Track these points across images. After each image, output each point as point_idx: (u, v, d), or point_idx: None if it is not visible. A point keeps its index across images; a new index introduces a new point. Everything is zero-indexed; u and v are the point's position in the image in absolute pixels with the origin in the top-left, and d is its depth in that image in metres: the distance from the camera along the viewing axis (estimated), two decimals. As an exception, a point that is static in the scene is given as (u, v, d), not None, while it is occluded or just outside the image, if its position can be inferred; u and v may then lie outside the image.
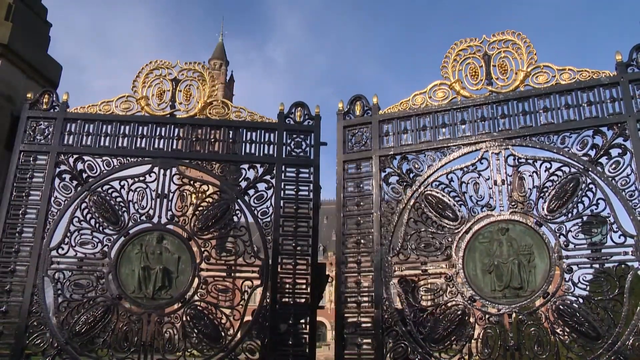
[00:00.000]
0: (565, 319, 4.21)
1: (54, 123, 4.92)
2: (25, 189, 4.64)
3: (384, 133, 5.10)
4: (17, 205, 4.56)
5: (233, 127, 5.12)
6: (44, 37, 5.59)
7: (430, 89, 5.10)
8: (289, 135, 5.08)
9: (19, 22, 5.09)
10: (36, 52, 5.31)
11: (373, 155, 5.03)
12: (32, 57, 5.21)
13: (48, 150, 4.83)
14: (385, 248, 4.78)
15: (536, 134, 4.65)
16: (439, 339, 4.46)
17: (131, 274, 4.56)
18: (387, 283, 4.72)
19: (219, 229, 4.82)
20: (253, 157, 5.03)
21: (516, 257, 4.45)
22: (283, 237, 4.83)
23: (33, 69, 5.28)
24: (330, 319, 69.31)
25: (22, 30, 5.12)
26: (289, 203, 4.92)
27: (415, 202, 4.83)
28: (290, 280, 4.76)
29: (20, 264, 4.39)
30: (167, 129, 5.02)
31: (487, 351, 4.35)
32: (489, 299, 4.46)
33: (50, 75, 5.54)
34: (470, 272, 4.55)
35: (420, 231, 4.78)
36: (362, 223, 4.92)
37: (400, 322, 4.56)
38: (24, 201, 4.60)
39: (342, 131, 5.20)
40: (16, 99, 4.99)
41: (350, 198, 5.03)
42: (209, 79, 5.20)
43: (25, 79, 5.18)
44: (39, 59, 5.33)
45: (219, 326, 4.61)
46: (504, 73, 4.91)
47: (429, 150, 4.93)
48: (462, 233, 4.63)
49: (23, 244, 4.46)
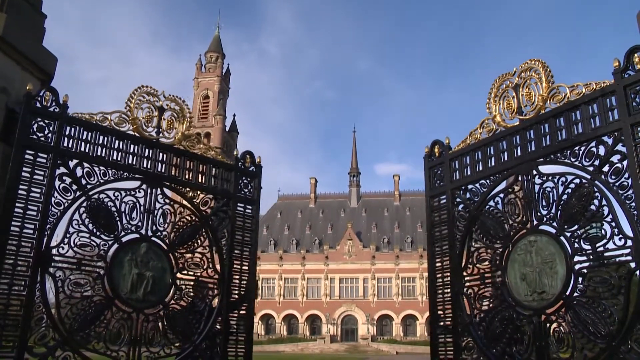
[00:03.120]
0: (578, 319, 4.51)
1: (54, 123, 4.87)
2: (26, 184, 4.62)
3: (453, 169, 6.04)
4: (21, 199, 4.55)
5: (203, 161, 5.95)
6: (39, 29, 5.54)
7: (481, 125, 5.82)
8: (240, 177, 6.20)
9: (14, 13, 5.05)
10: (31, 43, 5.26)
11: (447, 190, 6.03)
12: (27, 48, 5.15)
13: (50, 150, 4.78)
14: (456, 262, 5.77)
15: (554, 152, 4.99)
16: (492, 338, 5.23)
17: (124, 277, 5.04)
18: (460, 292, 5.68)
19: (191, 245, 5.67)
20: (216, 190, 5.96)
21: (541, 265, 4.90)
22: (234, 258, 5.94)
23: (28, 61, 5.21)
24: (325, 311, 69.68)
25: (17, 21, 5.07)
26: (239, 232, 6.02)
27: (472, 226, 5.69)
28: (236, 291, 5.87)
29: (22, 260, 4.44)
30: (153, 151, 5.54)
31: (522, 348, 4.95)
32: (524, 304, 5.01)
33: (45, 67, 5.48)
34: (512, 280, 5.17)
35: (479, 249, 5.64)
36: (444, 247, 5.97)
37: (469, 324, 5.50)
38: (26, 197, 4.59)
39: (428, 171, 6.36)
40: (11, 91, 4.94)
41: (436, 225, 6.14)
42: (187, 114, 5.91)
43: (20, 71, 5.11)
44: (34, 50, 5.28)
45: (189, 325, 5.47)
46: (529, 99, 5.33)
47: (481, 179, 5.68)
48: (506, 247, 5.29)
49: (24, 240, 4.48)
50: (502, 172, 5.51)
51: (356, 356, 48.07)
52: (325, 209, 78.91)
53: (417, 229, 72.56)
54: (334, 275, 70.35)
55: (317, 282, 71.09)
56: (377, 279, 69.29)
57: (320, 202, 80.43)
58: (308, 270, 71.09)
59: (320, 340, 64.31)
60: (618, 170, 4.46)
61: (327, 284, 70.28)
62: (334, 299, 69.43)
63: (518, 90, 5.47)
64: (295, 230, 76.16)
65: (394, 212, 76.31)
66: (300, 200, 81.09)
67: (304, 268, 71.24)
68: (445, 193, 6.06)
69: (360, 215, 76.57)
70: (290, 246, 73.67)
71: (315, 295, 70.62)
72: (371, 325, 66.65)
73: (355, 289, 69.87)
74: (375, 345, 61.59)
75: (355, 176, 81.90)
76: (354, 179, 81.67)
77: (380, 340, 64.44)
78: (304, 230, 75.78)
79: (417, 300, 67.57)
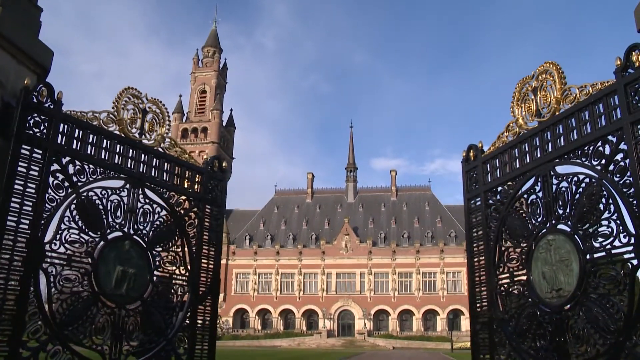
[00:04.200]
0: (590, 315, 4.62)
1: (49, 119, 4.88)
2: (23, 179, 4.61)
3: (485, 172, 6.28)
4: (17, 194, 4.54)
5: (179, 163, 6.19)
6: (35, 22, 5.51)
7: (506, 128, 6.00)
8: (209, 180, 6.49)
9: (9, 6, 5.02)
10: (27, 36, 5.23)
11: (480, 192, 6.29)
12: (23, 41, 5.11)
13: (45, 145, 4.79)
14: (490, 261, 6.00)
15: (567, 152, 5.11)
16: (521, 334, 5.41)
17: (109, 274, 5.18)
18: (494, 290, 5.89)
19: (166, 244, 5.87)
20: (188, 192, 6.23)
21: (558, 264, 5.05)
22: (202, 256, 6.21)
23: (24, 54, 5.18)
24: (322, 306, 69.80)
25: (13, 14, 5.04)
26: (206, 232, 6.30)
27: (502, 226, 5.87)
28: (204, 288, 6.16)
29: (18, 255, 4.46)
30: (137, 152, 5.70)
31: (545, 344, 5.12)
32: (545, 301, 5.16)
33: (41, 60, 5.45)
34: (535, 278, 5.32)
35: (508, 248, 5.83)
36: (480, 246, 6.22)
37: (501, 321, 5.71)
38: (22, 192, 4.58)
39: (465, 174, 6.64)
40: (6, 85, 4.92)
41: (473, 226, 6.40)
42: (167, 117, 6.10)
43: (15, 64, 5.08)
44: (30, 44, 5.25)
45: (164, 320, 5.68)
46: (545, 102, 5.45)
47: (508, 181, 5.88)
48: (529, 246, 5.45)
49: (20, 235, 4.50)
50: (524, 173, 5.68)
51: (352, 351, 48.23)
52: (322, 204, 79.02)
53: (414, 224, 72.82)
54: (331, 270, 70.52)
55: (313, 277, 71.25)
56: (374, 274, 69.48)
57: (317, 197, 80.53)
58: (305, 265, 71.24)
59: (317, 335, 64.49)
60: (622, 169, 4.53)
61: (323, 279, 70.43)
62: (330, 294, 69.61)
63: (536, 93, 5.61)
64: (292, 225, 76.26)
65: (391, 207, 76.50)
66: (297, 195, 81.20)
67: (300, 263, 71.38)
68: (479, 195, 6.35)
69: (357, 210, 76.73)
70: (287, 241, 73.78)
71: (312, 290, 70.79)
72: (367, 320, 66.90)
73: (351, 284, 70.07)
74: (372, 340, 61.82)
75: (352, 171, 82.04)
76: (351, 174, 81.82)
77: (377, 335, 64.70)
78: (300, 225, 75.90)
79: (414, 295, 67.83)
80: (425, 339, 62.03)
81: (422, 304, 67.30)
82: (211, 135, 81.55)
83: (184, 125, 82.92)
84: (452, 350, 47.70)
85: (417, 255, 69.13)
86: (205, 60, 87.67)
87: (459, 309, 65.72)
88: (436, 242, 69.59)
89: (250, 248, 73.33)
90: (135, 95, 5.80)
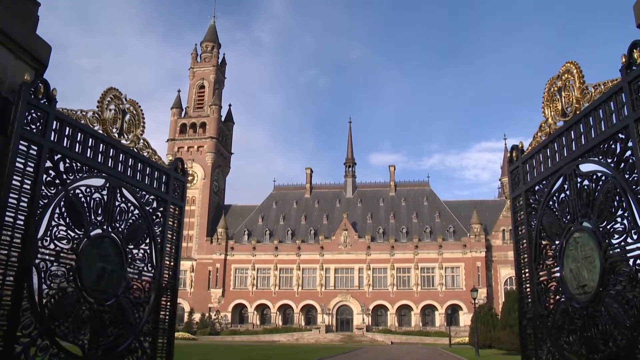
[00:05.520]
0: (610, 311, 4.70)
1: (46, 116, 4.88)
2: (20, 175, 4.61)
3: (525, 172, 6.49)
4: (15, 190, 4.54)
5: (150, 164, 6.44)
6: (33, 16, 5.48)
7: (540, 128, 6.15)
8: (173, 181, 6.84)
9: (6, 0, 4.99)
10: (25, 31, 5.20)
11: (522, 191, 6.48)
12: (20, 36, 5.09)
13: (41, 142, 4.81)
14: (532, 259, 6.18)
15: (587, 151, 5.17)
16: (557, 329, 5.58)
17: (90, 270, 5.31)
18: (535, 287, 6.08)
19: (138, 242, 6.10)
20: (156, 192, 6.50)
21: (582, 260, 5.16)
22: (165, 254, 6.54)
23: (22, 49, 5.16)
24: (321, 301, 69.76)
25: (10, 9, 5.01)
26: (169, 231, 6.66)
27: (540, 224, 6.05)
28: (165, 284, 6.47)
29: (14, 250, 4.49)
30: (116, 151, 5.86)
31: (577, 338, 5.25)
32: (575, 297, 5.26)
33: (39, 55, 5.42)
34: (567, 275, 5.44)
35: (545, 245, 6.00)
36: (524, 244, 6.43)
37: (542, 317, 5.92)
38: (19, 188, 4.58)
39: (509, 175, 6.89)
40: (5, 80, 4.90)
41: (518, 225, 6.60)
42: (142, 118, 6.33)
43: (13, 59, 5.06)
44: (27, 38, 5.23)
45: (134, 316, 5.91)
46: (569, 101, 5.53)
47: (543, 180, 6.02)
48: (561, 244, 5.56)
49: (17, 231, 4.54)
50: (555, 172, 5.80)
51: (351, 346, 48.35)
52: (321, 200, 79.05)
53: (412, 220, 72.89)
54: (329, 265, 70.62)
55: (312, 272, 71.33)
56: (372, 269, 69.60)
57: (316, 192, 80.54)
58: (303, 260, 71.33)
59: (316, 330, 64.65)
60: (631, 166, 4.58)
61: (322, 274, 70.52)
62: (329, 289, 69.73)
63: (561, 92, 5.71)
64: (291, 221, 76.30)
65: (390, 202, 76.56)
66: (295, 190, 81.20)
67: (299, 258, 71.46)
68: (521, 195, 6.54)
69: (355, 205, 76.77)
70: (285, 236, 73.84)
71: (311, 285, 70.89)
72: (366, 315, 67.07)
73: (350, 279, 70.18)
74: (370, 335, 62.04)
75: (350, 167, 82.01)
76: (350, 170, 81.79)
77: (375, 330, 64.93)
78: (299, 220, 75.94)
79: (412, 290, 67.98)
80: (424, 334, 62.24)
81: (421, 299, 67.45)
82: (210, 131, 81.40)
83: (183, 121, 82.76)
84: (450, 345, 47.81)
85: (416, 250, 69.22)
86: (203, 56, 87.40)
87: (457, 304, 65.92)
88: (435, 237, 69.72)
89: (248, 243, 73.37)
90: (117, 96, 5.97)
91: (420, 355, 30.23)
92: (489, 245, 67.98)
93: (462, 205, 75.30)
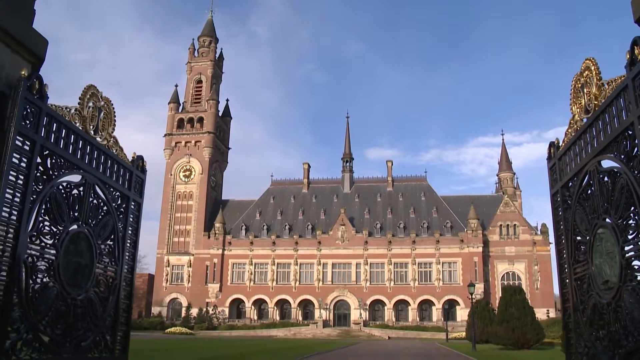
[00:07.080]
0: (629, 307, 4.74)
1: (38, 111, 4.86)
2: (15, 170, 4.59)
3: (560, 169, 6.61)
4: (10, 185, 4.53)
5: (118, 161, 6.60)
6: (29, 10, 5.44)
7: (569, 125, 6.24)
8: (134, 178, 7.00)
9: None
10: (21, 25, 5.16)
11: (558, 188, 6.59)
12: (16, 30, 5.04)
13: (34, 138, 4.79)
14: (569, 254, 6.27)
15: (605, 147, 5.20)
16: (589, 323, 5.64)
17: (67, 265, 5.38)
18: (573, 282, 6.20)
19: (105, 237, 6.25)
20: (120, 188, 6.65)
21: (605, 256, 5.21)
22: (126, 249, 6.72)
23: (18, 43, 5.11)
24: (318, 296, 69.81)
25: (6, 2, 4.98)
26: (130, 227, 6.85)
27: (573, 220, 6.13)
28: (123, 279, 6.68)
29: (8, 245, 4.51)
30: (91, 148, 5.93)
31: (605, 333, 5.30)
32: (601, 292, 5.33)
33: (36, 50, 5.37)
34: (595, 270, 5.50)
35: (579, 241, 6.06)
36: (562, 240, 6.54)
37: (577, 311, 6.03)
38: (14, 183, 4.57)
39: (549, 171, 7.02)
40: (1, 74, 4.87)
41: (557, 221, 6.72)
42: (114, 117, 6.51)
43: (10, 53, 5.02)
44: (24, 32, 5.18)
45: (101, 310, 6.05)
46: (589, 98, 5.58)
47: (573, 177, 6.09)
48: (590, 240, 5.62)
49: (11, 226, 4.55)
50: (581, 169, 5.86)
51: (348, 341, 48.43)
52: (318, 195, 79.03)
53: (410, 215, 72.96)
54: (327, 260, 70.69)
55: (309, 267, 71.39)
56: (370, 264, 69.69)
57: (313, 187, 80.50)
58: (301, 255, 71.37)
59: (313, 325, 64.74)
60: (639, 162, 4.59)
61: (319, 269, 70.59)
62: (326, 284, 69.82)
63: (583, 89, 5.74)
64: (288, 216, 76.30)
65: (387, 197, 76.61)
66: (293, 185, 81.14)
67: (296, 253, 71.50)
68: (558, 191, 6.63)
69: (353, 200, 76.78)
70: (283, 231, 73.84)
71: (308, 280, 70.96)
72: (363, 310, 67.20)
73: (347, 274, 70.27)
74: (367, 330, 62.15)
75: (348, 162, 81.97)
76: (347, 165, 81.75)
77: (373, 325, 65.05)
78: (296, 215, 75.94)
79: (409, 285, 68.12)
80: (421, 329, 62.40)
81: (418, 294, 67.59)
82: (207, 125, 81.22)
83: (180, 116, 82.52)
84: (447, 340, 47.98)
85: (413, 245, 69.34)
86: (201, 50, 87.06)
87: (454, 299, 66.11)
88: (432, 232, 69.82)
89: (246, 238, 73.35)
90: (94, 94, 6.07)
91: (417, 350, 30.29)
92: (486, 241, 68.12)
93: (459, 200, 75.37)
